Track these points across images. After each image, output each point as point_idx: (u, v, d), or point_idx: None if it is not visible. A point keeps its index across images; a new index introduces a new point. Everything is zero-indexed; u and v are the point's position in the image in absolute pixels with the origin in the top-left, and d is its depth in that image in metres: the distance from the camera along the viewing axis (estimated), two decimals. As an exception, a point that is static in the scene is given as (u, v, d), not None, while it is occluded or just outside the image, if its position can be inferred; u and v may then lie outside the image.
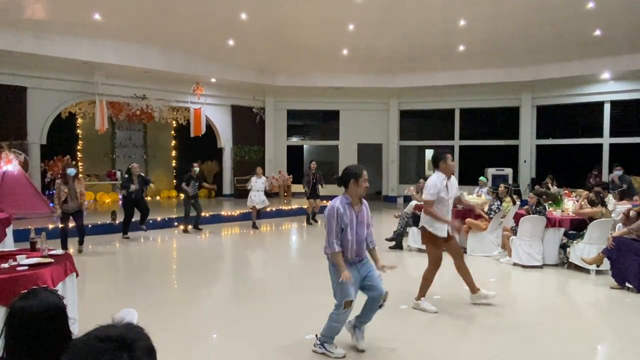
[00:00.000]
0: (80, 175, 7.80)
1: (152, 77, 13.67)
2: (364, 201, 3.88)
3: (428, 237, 5.02)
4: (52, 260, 3.84)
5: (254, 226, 10.94)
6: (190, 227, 10.34)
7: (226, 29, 12.54)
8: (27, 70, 11.81)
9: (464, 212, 8.15)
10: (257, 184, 10.89)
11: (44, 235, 4.27)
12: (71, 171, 7.51)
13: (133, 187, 9.08)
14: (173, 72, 13.50)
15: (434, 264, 5.04)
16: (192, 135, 14.90)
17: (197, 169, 10.32)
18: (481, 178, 10.90)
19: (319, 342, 3.81)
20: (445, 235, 4.96)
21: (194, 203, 10.23)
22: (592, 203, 6.96)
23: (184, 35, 12.49)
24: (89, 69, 12.36)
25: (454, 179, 5.11)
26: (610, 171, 13.74)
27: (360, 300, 3.85)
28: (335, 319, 3.71)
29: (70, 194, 7.43)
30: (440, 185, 4.86)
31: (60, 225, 7.69)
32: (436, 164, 5.02)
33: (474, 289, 5.14)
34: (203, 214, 10.63)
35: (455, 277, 5.72)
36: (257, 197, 10.85)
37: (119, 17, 11.26)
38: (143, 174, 9.64)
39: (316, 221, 11.68)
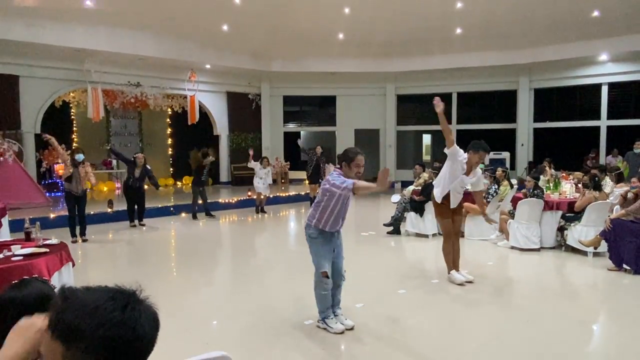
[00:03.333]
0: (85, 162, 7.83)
1: (145, 64, 13.52)
2: None
3: (437, 208, 5.33)
4: (47, 250, 3.81)
5: (262, 210, 11.10)
6: (197, 214, 10.35)
7: (220, 14, 12.36)
8: (19, 59, 11.66)
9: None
10: (260, 172, 10.92)
11: (38, 225, 4.23)
12: (79, 157, 7.61)
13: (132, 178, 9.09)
14: (167, 59, 13.36)
15: (447, 237, 5.30)
16: (189, 122, 14.81)
17: (210, 159, 10.40)
18: (480, 166, 10.85)
19: (320, 318, 4.00)
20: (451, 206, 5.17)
21: (201, 190, 10.24)
22: (586, 186, 6.95)
23: (178, 21, 12.32)
24: (82, 56, 12.20)
25: (478, 174, 5.34)
26: (608, 153, 13.75)
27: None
28: (319, 287, 3.92)
29: (75, 177, 7.54)
30: (463, 158, 5.05)
31: (69, 214, 7.78)
32: (467, 149, 5.21)
33: (456, 267, 5.39)
34: (200, 201, 10.58)
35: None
36: (260, 184, 10.93)
37: (111, 4, 11.08)
38: (149, 167, 9.55)
39: None
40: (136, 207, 9.38)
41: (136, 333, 0.92)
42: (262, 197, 11.14)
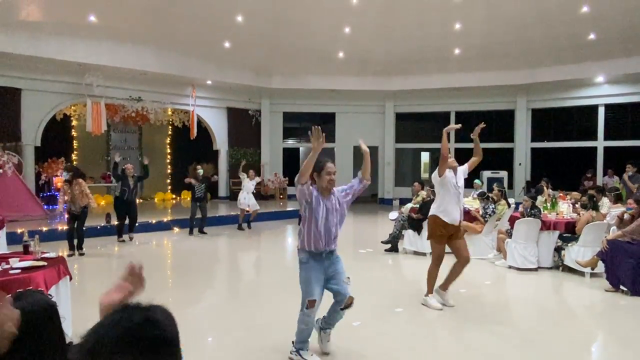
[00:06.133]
0: (79, 179, 7.71)
1: (147, 79, 13.64)
2: (334, 191, 3.63)
3: (433, 228, 5.08)
4: (46, 264, 3.81)
5: (248, 226, 11.04)
6: (195, 230, 10.29)
7: (222, 31, 12.53)
8: (22, 72, 11.76)
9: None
10: (249, 185, 10.90)
11: (37, 238, 4.24)
12: (64, 175, 7.53)
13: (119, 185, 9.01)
14: (168, 74, 13.48)
15: (436, 261, 5.15)
16: (191, 137, 14.89)
17: (201, 171, 10.27)
18: (476, 181, 10.92)
19: (294, 349, 3.70)
20: (453, 222, 4.98)
21: (200, 205, 10.12)
22: (584, 207, 6.99)
23: (180, 37, 12.48)
24: (84, 70, 12.31)
25: (460, 171, 5.21)
26: (604, 174, 13.83)
27: (325, 302, 3.75)
28: (302, 320, 3.60)
29: (72, 195, 7.54)
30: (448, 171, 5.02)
31: (67, 227, 7.84)
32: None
33: (445, 286, 5.22)
34: (198, 216, 10.54)
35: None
36: (246, 200, 10.88)
37: (114, 19, 11.23)
38: (137, 174, 9.55)
39: None
40: (127, 219, 9.29)
41: (159, 327, 1.05)
42: (245, 212, 11.05)
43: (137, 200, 9.63)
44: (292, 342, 3.74)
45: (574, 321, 4.98)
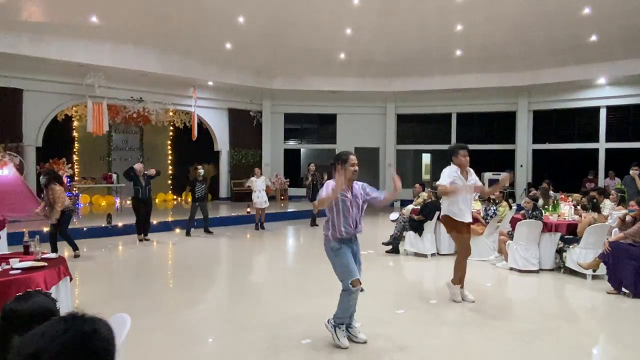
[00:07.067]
0: (53, 184, 7.31)
1: (149, 80, 13.66)
2: (355, 182, 4.03)
3: (450, 224, 5.33)
4: (46, 264, 3.81)
5: (259, 227, 11.08)
6: (192, 230, 10.29)
7: (223, 32, 12.55)
8: (24, 73, 11.78)
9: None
10: (258, 184, 10.90)
11: (38, 239, 4.23)
12: (41, 179, 7.33)
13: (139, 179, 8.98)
14: (170, 75, 13.50)
15: (466, 251, 5.35)
16: (193, 138, 14.90)
17: (202, 172, 10.32)
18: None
19: (333, 322, 3.98)
20: (465, 220, 5.26)
21: (200, 205, 10.12)
22: (585, 208, 6.98)
23: (181, 38, 12.50)
24: (85, 71, 12.33)
25: (472, 174, 5.34)
26: (606, 176, 13.81)
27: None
28: (347, 298, 3.88)
29: (45, 202, 7.32)
30: (454, 174, 5.18)
31: (48, 230, 7.72)
32: (450, 158, 5.35)
33: (459, 282, 5.41)
34: (199, 217, 10.55)
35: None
36: (259, 198, 10.92)
37: (115, 20, 11.25)
38: (147, 173, 9.56)
39: (317, 225, 11.68)
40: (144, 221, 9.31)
41: (106, 341, 1.07)
42: (261, 212, 11.12)
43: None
44: (334, 315, 3.99)
45: (575, 323, 4.96)
